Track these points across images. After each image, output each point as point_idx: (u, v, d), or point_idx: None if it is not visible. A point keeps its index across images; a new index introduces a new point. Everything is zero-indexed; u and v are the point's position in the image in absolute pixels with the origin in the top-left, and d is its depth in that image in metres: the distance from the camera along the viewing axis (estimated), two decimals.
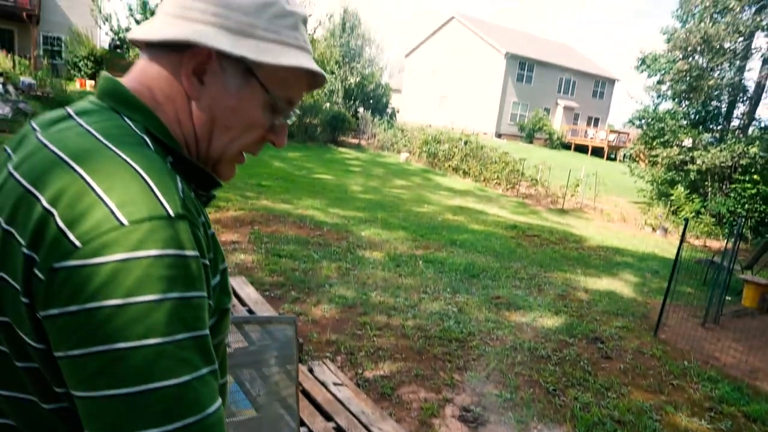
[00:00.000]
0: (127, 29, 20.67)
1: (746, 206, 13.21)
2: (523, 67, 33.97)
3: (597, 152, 31.55)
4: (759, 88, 15.28)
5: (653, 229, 13.77)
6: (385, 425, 2.57)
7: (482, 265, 6.88)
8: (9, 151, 0.68)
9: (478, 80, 34.13)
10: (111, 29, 20.74)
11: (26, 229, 0.55)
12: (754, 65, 15.85)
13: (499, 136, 32.65)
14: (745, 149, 13.49)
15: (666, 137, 15.64)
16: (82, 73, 21.53)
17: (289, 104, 0.75)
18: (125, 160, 0.58)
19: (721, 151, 14.00)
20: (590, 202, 15.77)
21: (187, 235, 0.57)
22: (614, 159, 30.49)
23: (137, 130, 0.64)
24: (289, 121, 0.79)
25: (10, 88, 14.34)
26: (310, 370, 3.03)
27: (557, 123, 35.25)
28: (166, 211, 0.56)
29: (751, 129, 15.48)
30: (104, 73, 0.72)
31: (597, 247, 9.79)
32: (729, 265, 6.53)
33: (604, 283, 7.09)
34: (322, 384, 2.84)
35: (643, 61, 17.90)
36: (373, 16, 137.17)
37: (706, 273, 8.21)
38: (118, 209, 0.54)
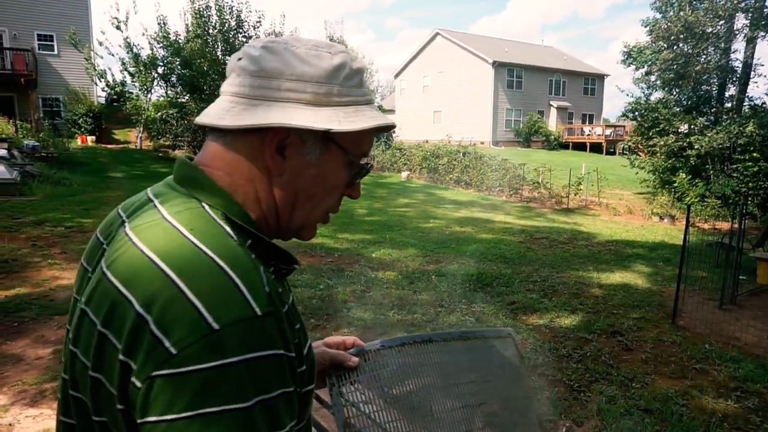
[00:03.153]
0: (123, 83, 21.16)
1: (750, 184, 13.24)
2: (511, 74, 34.34)
3: (595, 148, 31.68)
4: (746, 67, 15.43)
5: (660, 217, 13.81)
6: None
7: (494, 273, 6.95)
8: (101, 239, 0.71)
9: (469, 91, 34.51)
10: (107, 84, 21.22)
11: (122, 335, 0.56)
12: (738, 46, 15.95)
13: (496, 143, 32.87)
14: (741, 129, 13.57)
15: (661, 126, 15.77)
16: (82, 129, 22.02)
17: (363, 157, 0.75)
18: (212, 260, 0.58)
19: (717, 133, 14.09)
20: (595, 198, 15.85)
21: (276, 332, 0.58)
22: (613, 153, 30.59)
23: (217, 218, 0.64)
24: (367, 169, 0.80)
25: (15, 152, 14.70)
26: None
27: (552, 124, 35.48)
28: (254, 310, 0.56)
29: (744, 108, 15.58)
30: (181, 158, 0.73)
31: (606, 242, 9.84)
32: (738, 244, 6.58)
33: (617, 277, 7.14)
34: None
35: (629, 55, 18.13)
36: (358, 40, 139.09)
37: (717, 255, 8.24)
38: (209, 314, 0.54)
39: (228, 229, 0.63)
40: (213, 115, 0.69)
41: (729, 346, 4.75)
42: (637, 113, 16.94)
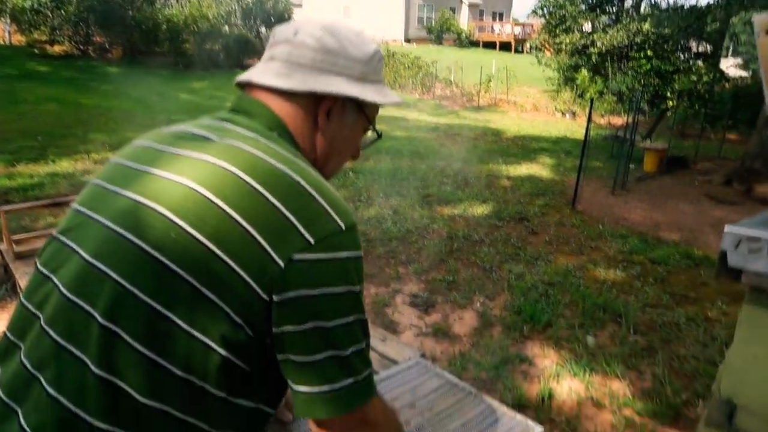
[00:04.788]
0: None
1: (642, 82, 14.11)
2: None
3: (505, 47, 31.99)
4: None
5: (563, 113, 14.53)
6: None
7: (410, 169, 7.08)
8: (210, 135, 0.77)
9: None
10: None
11: (268, 231, 0.66)
12: None
13: (408, 41, 32.15)
14: (639, 27, 14.17)
15: (567, 24, 16.09)
16: None
17: (372, 127, 0.93)
18: (320, 180, 0.74)
19: (617, 31, 14.64)
20: (504, 96, 16.25)
21: None
22: (521, 51, 31.08)
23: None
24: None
25: None
26: None
27: (464, 21, 35.08)
28: (354, 220, 0.72)
29: (642, 7, 16.19)
30: (260, 101, 0.81)
31: (514, 137, 10.26)
32: (630, 137, 7.13)
33: (524, 169, 7.55)
34: None
35: None
36: None
37: (612, 147, 8.90)
38: (338, 217, 0.69)
39: None
40: (270, 75, 0.81)
41: (619, 226, 5.29)
42: (545, 10, 17.10)
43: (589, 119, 6.14)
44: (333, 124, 0.84)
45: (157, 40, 19.51)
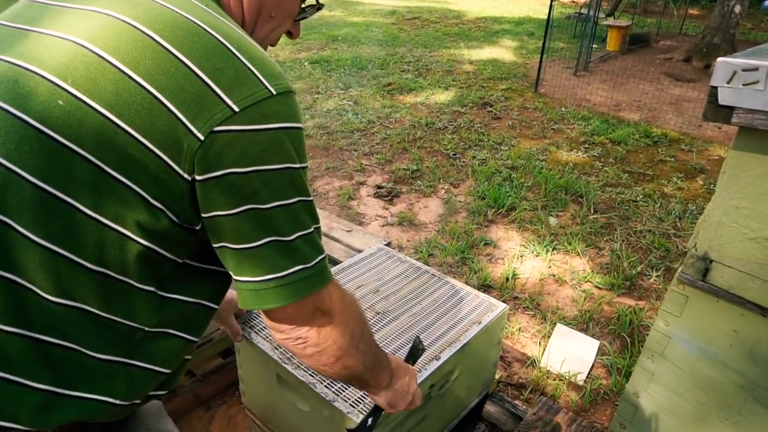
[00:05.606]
0: None
1: None
2: None
3: None
4: None
5: None
6: None
7: (368, 57, 6.74)
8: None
9: None
10: None
11: (183, 101, 0.55)
12: None
13: None
14: None
15: None
16: None
17: None
18: (246, 37, 0.60)
19: None
20: None
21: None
22: None
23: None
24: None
25: None
26: None
27: None
28: (289, 86, 0.60)
29: None
30: None
31: (476, 19, 9.81)
32: (594, 14, 6.87)
33: (486, 53, 7.29)
34: None
35: None
36: None
37: (575, 26, 8.63)
38: (267, 81, 0.57)
39: None
40: None
41: (581, 108, 5.25)
42: None
43: None
44: None
45: None
